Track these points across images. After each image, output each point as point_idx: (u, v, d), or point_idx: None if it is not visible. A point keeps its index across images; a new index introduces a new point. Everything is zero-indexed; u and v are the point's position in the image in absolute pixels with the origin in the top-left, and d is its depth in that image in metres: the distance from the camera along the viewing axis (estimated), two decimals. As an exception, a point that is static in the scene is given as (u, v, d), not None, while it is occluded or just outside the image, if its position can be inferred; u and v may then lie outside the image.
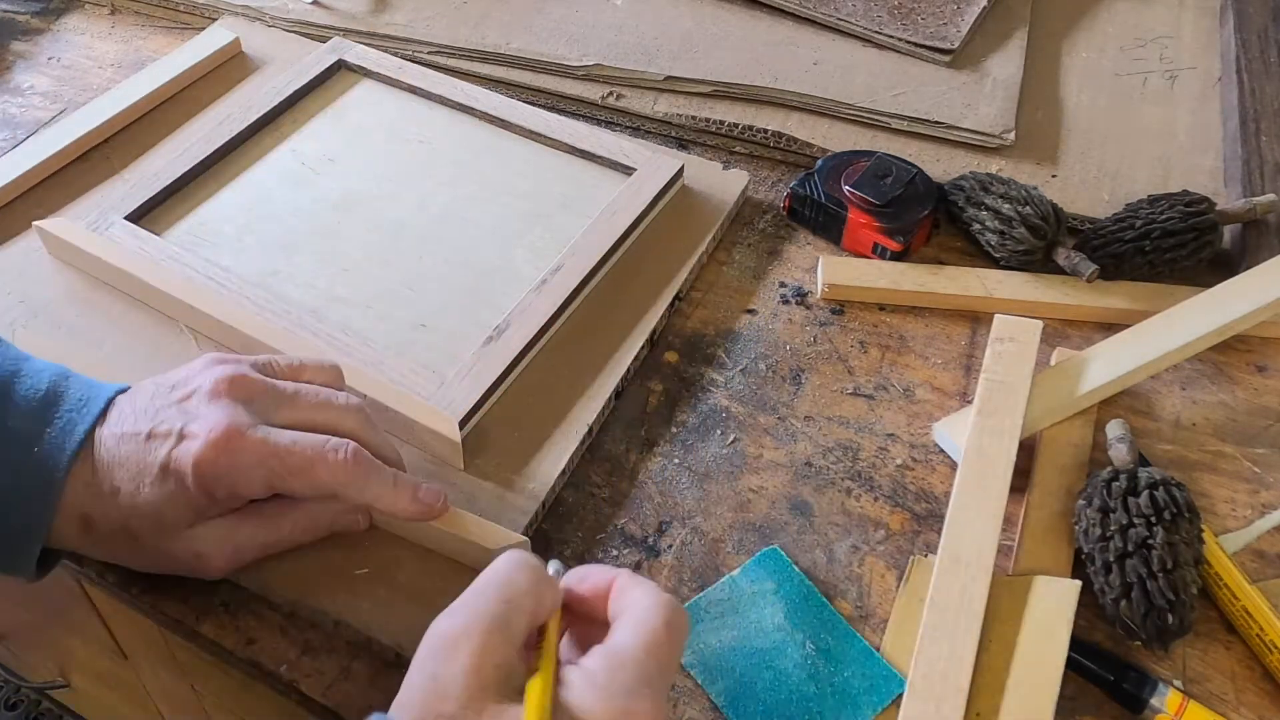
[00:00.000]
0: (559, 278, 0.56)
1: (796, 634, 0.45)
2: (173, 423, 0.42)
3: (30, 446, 0.41)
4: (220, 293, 0.54)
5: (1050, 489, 0.49)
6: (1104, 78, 0.73)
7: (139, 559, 0.44)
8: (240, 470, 0.41)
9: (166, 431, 0.41)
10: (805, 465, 0.51)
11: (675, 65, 0.70)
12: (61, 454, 0.41)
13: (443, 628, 0.34)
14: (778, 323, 0.58)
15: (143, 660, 0.75)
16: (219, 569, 0.44)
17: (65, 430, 0.42)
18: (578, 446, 0.51)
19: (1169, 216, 0.57)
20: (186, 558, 0.43)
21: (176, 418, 0.42)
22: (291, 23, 0.76)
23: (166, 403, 0.42)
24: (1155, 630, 0.43)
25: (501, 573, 0.36)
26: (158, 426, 0.42)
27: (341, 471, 0.42)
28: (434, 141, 0.65)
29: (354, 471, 0.42)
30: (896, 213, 0.60)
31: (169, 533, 0.42)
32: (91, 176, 0.64)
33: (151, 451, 0.41)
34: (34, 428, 0.41)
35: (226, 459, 0.40)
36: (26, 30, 0.77)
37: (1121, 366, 0.53)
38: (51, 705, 1.25)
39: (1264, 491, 0.51)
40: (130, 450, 0.41)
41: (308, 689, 0.43)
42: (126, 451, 0.41)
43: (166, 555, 0.43)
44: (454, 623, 0.34)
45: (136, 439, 0.41)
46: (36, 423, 0.42)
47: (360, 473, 0.42)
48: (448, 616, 0.34)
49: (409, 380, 0.51)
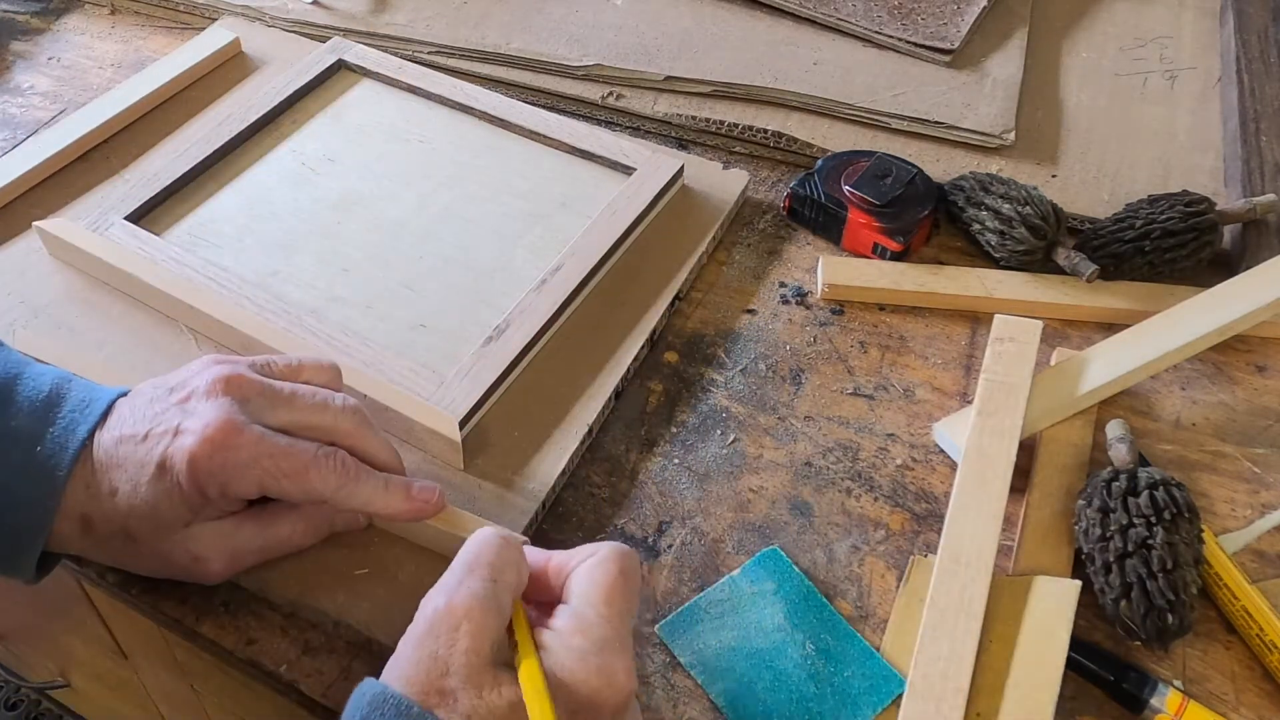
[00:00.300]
0: (559, 278, 0.56)
1: (796, 634, 0.45)
2: (169, 421, 0.42)
3: (32, 446, 0.41)
4: (220, 293, 0.54)
5: (1050, 489, 0.49)
6: (1104, 78, 0.73)
7: (138, 563, 0.44)
8: (234, 468, 0.41)
9: (163, 430, 0.41)
10: (805, 465, 0.51)
11: (675, 65, 0.70)
12: (64, 454, 0.41)
13: (441, 605, 0.35)
14: (778, 323, 0.58)
15: (143, 660, 0.75)
16: (217, 572, 0.44)
17: (67, 430, 0.42)
18: (578, 446, 0.51)
19: (1169, 216, 0.57)
20: (184, 560, 0.43)
21: (174, 416, 0.42)
22: (291, 23, 0.76)
23: (165, 405, 0.43)
24: (1155, 630, 0.43)
25: (489, 551, 0.37)
26: (155, 427, 0.42)
27: (333, 477, 0.42)
28: (434, 141, 0.65)
29: (344, 477, 0.42)
30: (896, 213, 0.60)
31: (165, 533, 0.42)
32: (91, 176, 0.64)
33: (149, 451, 0.41)
34: (36, 428, 0.42)
35: (221, 455, 0.41)
36: (26, 30, 0.77)
37: (1121, 366, 0.53)
38: (51, 705, 1.25)
39: (1264, 491, 0.51)
40: (128, 452, 0.41)
41: (308, 689, 0.43)
42: (125, 453, 0.41)
43: (164, 558, 0.43)
44: (452, 601, 0.35)
45: (134, 440, 0.42)
46: (39, 423, 0.42)
47: (350, 478, 0.42)
48: (444, 594, 0.36)
49: (409, 380, 0.51)
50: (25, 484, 0.41)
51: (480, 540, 0.38)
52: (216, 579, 0.44)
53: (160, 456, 0.41)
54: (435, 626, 0.35)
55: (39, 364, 0.44)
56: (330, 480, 0.42)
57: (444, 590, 0.36)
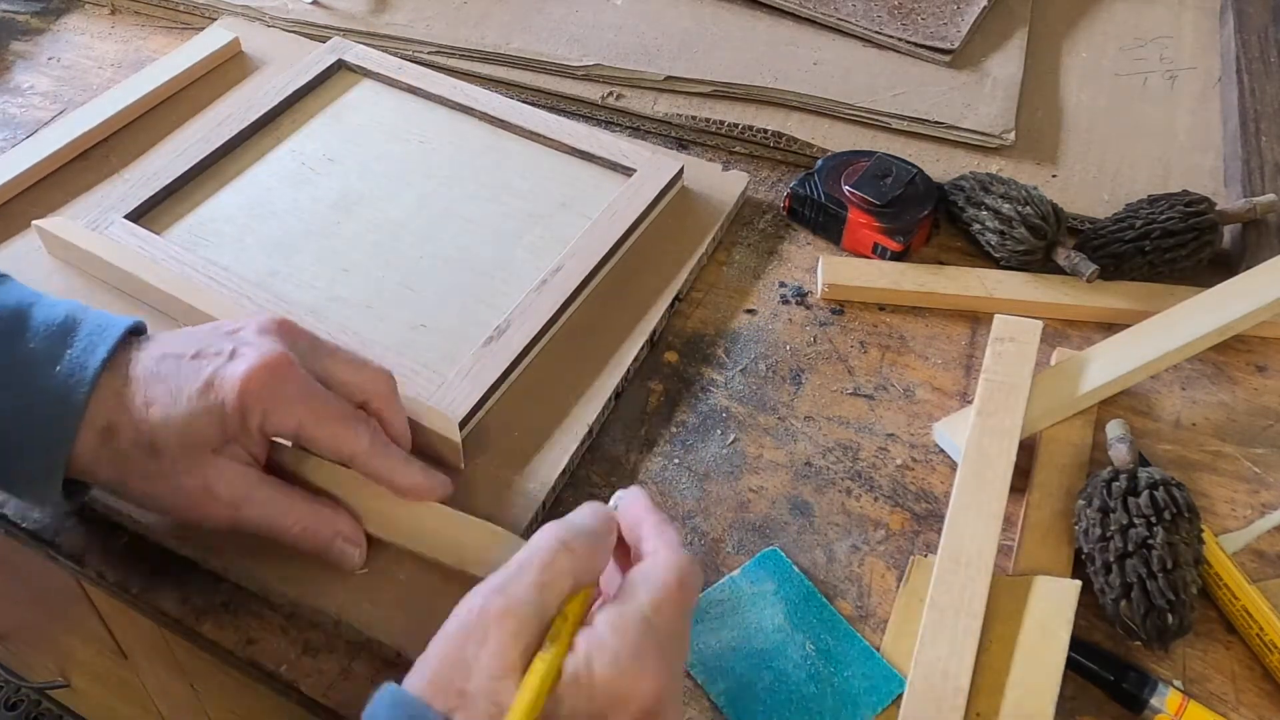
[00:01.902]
0: (559, 278, 0.56)
1: (796, 634, 0.45)
2: (222, 345, 0.43)
3: (51, 367, 0.42)
4: (220, 292, 0.54)
5: (1050, 489, 0.49)
6: (1104, 78, 0.73)
7: (147, 484, 0.43)
8: (282, 400, 0.42)
9: (216, 352, 0.43)
10: (805, 465, 0.51)
11: (675, 65, 0.70)
12: (85, 371, 0.42)
13: (479, 606, 0.35)
14: (778, 323, 0.58)
15: (143, 660, 0.75)
16: (219, 514, 0.43)
17: (87, 350, 0.42)
18: (578, 446, 0.51)
19: (1169, 216, 0.57)
20: (196, 489, 0.42)
21: (227, 343, 0.43)
22: (291, 23, 0.76)
23: (217, 334, 0.44)
24: (1155, 630, 0.43)
25: (545, 551, 0.36)
26: (206, 348, 0.43)
27: (367, 436, 0.44)
28: (434, 141, 0.65)
29: (376, 441, 0.44)
30: (896, 213, 0.60)
31: (192, 452, 0.42)
32: (91, 176, 0.64)
33: (197, 370, 0.42)
34: (54, 349, 0.42)
35: (274, 383, 0.42)
36: (26, 30, 0.77)
37: (1121, 366, 0.53)
38: (51, 705, 1.25)
39: (1264, 491, 0.51)
40: (171, 368, 0.42)
41: (308, 689, 0.43)
42: (167, 369, 0.42)
43: (177, 482, 0.42)
44: (487, 604, 0.34)
45: (180, 359, 0.43)
46: (56, 345, 0.42)
47: (380, 442, 0.45)
48: (482, 595, 0.35)
49: (409, 380, 0.51)
50: (45, 402, 0.41)
51: (536, 541, 0.37)
52: (216, 519, 0.43)
53: (209, 375, 0.42)
54: (466, 627, 0.34)
55: (50, 296, 0.45)
56: (364, 438, 0.44)
57: (483, 591, 0.35)
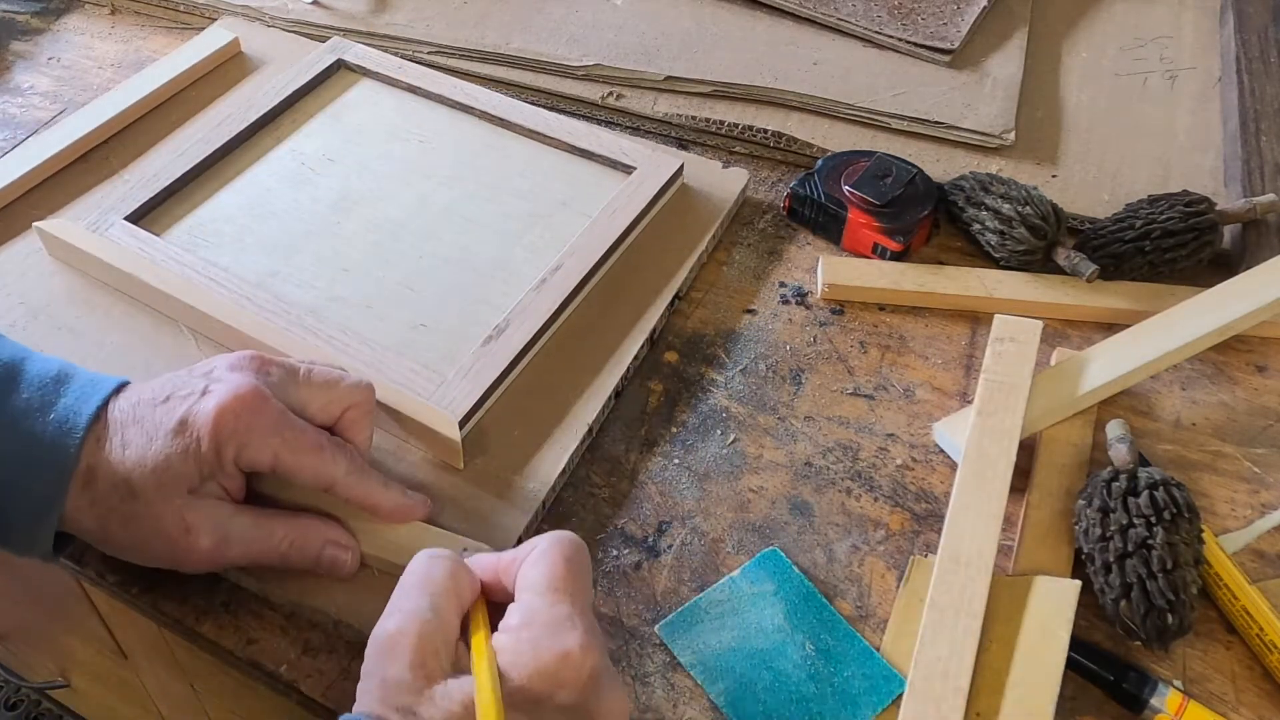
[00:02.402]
0: (559, 277, 0.56)
1: (796, 634, 0.45)
2: (194, 386, 0.43)
3: (44, 416, 0.42)
4: (220, 293, 0.54)
5: (1050, 489, 0.49)
6: (1104, 78, 0.73)
7: (127, 528, 0.43)
8: (256, 432, 0.42)
9: (188, 392, 0.43)
10: (805, 465, 0.51)
11: (675, 65, 0.70)
12: (78, 419, 0.42)
13: (380, 633, 0.37)
14: (778, 323, 0.58)
15: (143, 660, 0.75)
16: (203, 550, 0.42)
17: (80, 400, 0.43)
18: (578, 446, 0.51)
19: (1169, 216, 0.57)
20: (176, 528, 0.42)
21: (199, 382, 0.44)
22: (291, 23, 0.76)
23: (188, 376, 0.44)
24: (1155, 630, 0.43)
25: (419, 572, 0.39)
26: (178, 390, 0.43)
27: (344, 462, 0.44)
28: (434, 141, 0.65)
29: (354, 465, 0.45)
30: (896, 213, 0.60)
31: (168, 493, 0.42)
32: (91, 177, 0.64)
33: (170, 410, 0.42)
34: (47, 400, 0.43)
35: (247, 416, 0.42)
36: (26, 30, 0.77)
37: (1121, 366, 0.53)
38: (51, 705, 1.25)
39: (1264, 491, 0.51)
40: (146, 412, 0.43)
41: (308, 689, 0.43)
42: (143, 412, 0.43)
43: (157, 523, 0.42)
44: (389, 625, 0.37)
45: (154, 403, 0.43)
46: (49, 397, 0.43)
47: (358, 467, 0.45)
48: (383, 621, 0.37)
49: (409, 380, 0.51)
50: (38, 447, 0.42)
51: (413, 565, 0.39)
52: (199, 560, 0.43)
53: (182, 414, 0.42)
54: (380, 651, 0.36)
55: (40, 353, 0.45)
56: (341, 464, 0.44)
57: (383, 617, 0.37)
